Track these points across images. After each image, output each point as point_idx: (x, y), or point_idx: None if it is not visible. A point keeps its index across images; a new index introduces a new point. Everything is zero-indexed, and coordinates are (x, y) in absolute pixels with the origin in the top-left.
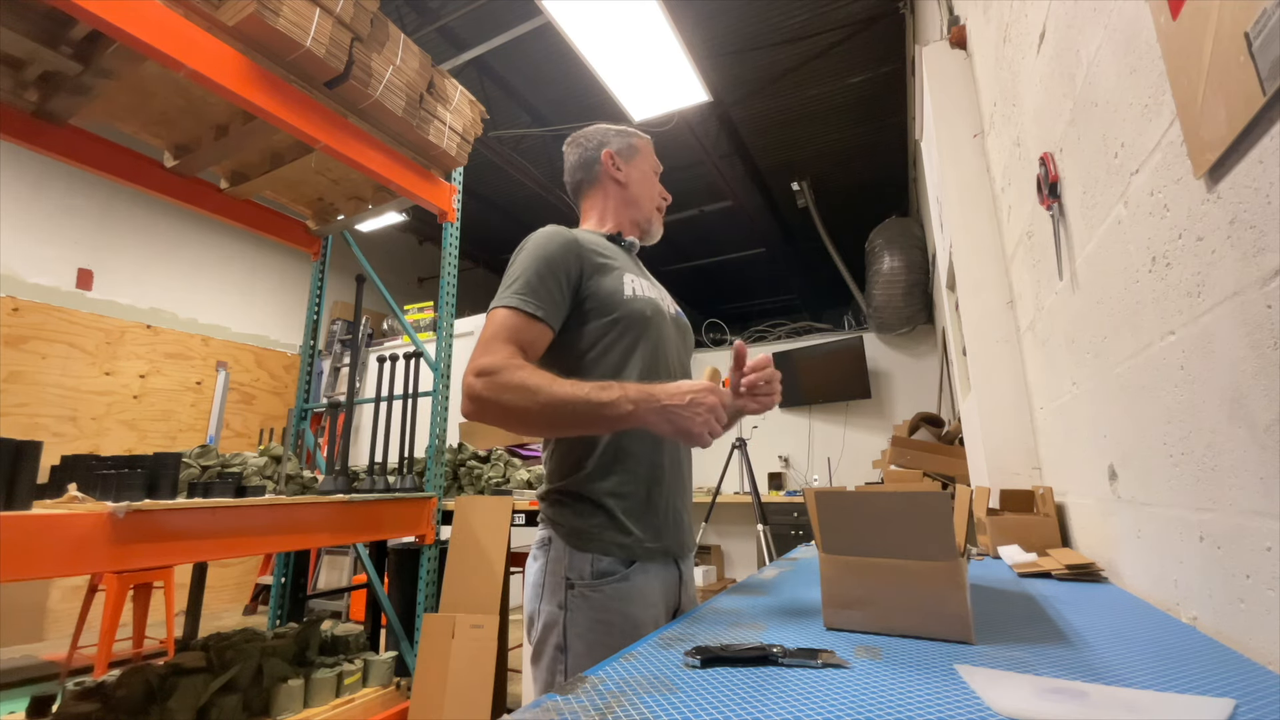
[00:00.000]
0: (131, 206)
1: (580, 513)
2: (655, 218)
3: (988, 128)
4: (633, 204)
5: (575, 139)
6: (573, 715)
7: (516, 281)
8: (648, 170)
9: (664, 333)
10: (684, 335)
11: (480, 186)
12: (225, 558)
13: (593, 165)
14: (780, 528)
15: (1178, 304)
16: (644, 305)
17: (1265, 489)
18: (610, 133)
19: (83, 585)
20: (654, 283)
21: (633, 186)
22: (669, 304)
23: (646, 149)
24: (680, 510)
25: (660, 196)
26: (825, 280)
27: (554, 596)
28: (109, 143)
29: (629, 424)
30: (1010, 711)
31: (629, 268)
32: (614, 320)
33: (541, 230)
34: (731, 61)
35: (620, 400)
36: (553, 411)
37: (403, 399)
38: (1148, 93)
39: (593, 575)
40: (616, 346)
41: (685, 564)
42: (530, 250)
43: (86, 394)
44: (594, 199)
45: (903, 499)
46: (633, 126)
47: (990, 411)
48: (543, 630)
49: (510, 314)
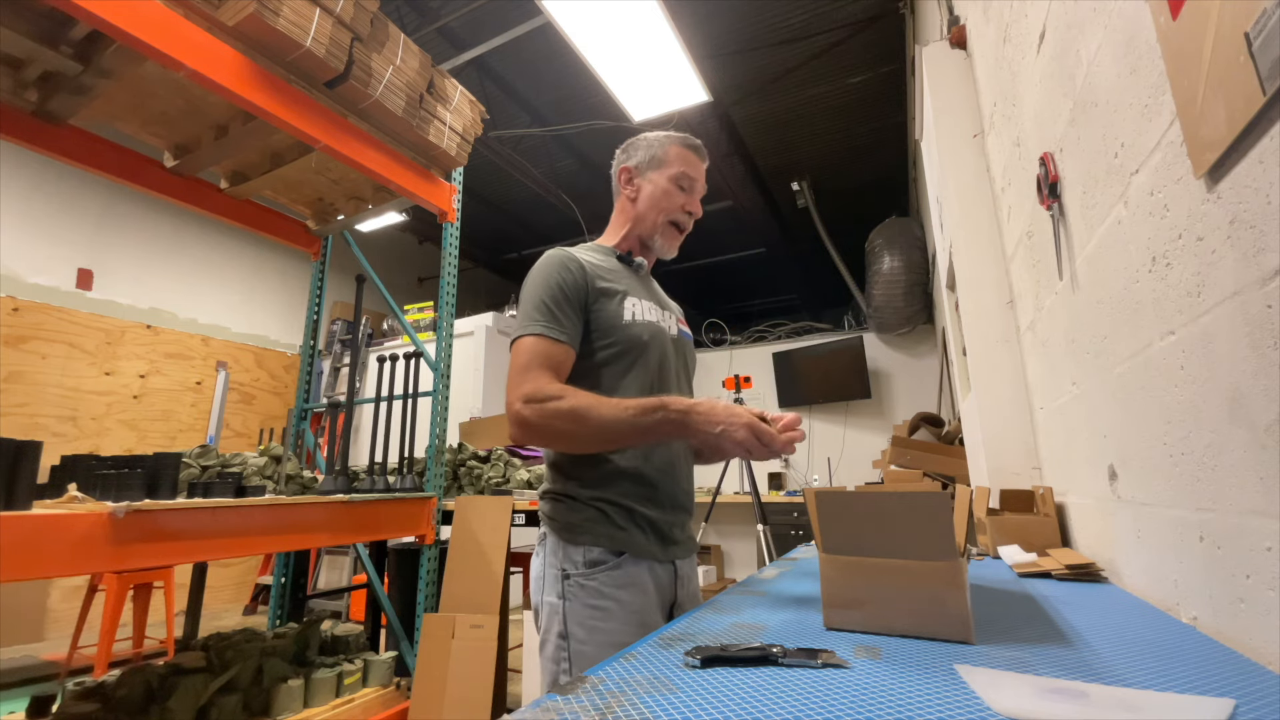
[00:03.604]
0: (131, 206)
1: (573, 509)
2: (664, 233)
3: (988, 128)
4: (639, 221)
5: (623, 145)
6: (573, 715)
7: (535, 310)
8: (665, 183)
9: (662, 355)
10: (684, 356)
11: (480, 186)
12: (225, 558)
13: (614, 178)
14: (780, 528)
15: (1178, 304)
16: (642, 330)
17: (1265, 489)
18: (643, 143)
19: (83, 585)
20: (660, 302)
21: (641, 202)
22: (672, 324)
23: (678, 160)
24: (672, 524)
25: (682, 210)
26: (825, 280)
27: (553, 588)
28: (109, 143)
29: (674, 436)
30: (1010, 711)
31: (634, 289)
32: (611, 344)
33: (548, 256)
34: (731, 61)
35: (662, 420)
36: (601, 433)
37: (403, 399)
38: (1148, 93)
39: (585, 565)
40: (613, 370)
41: (683, 563)
42: (543, 278)
43: (86, 394)
44: (615, 212)
45: (903, 499)
46: (669, 131)
47: (990, 411)
48: (546, 619)
49: (538, 341)
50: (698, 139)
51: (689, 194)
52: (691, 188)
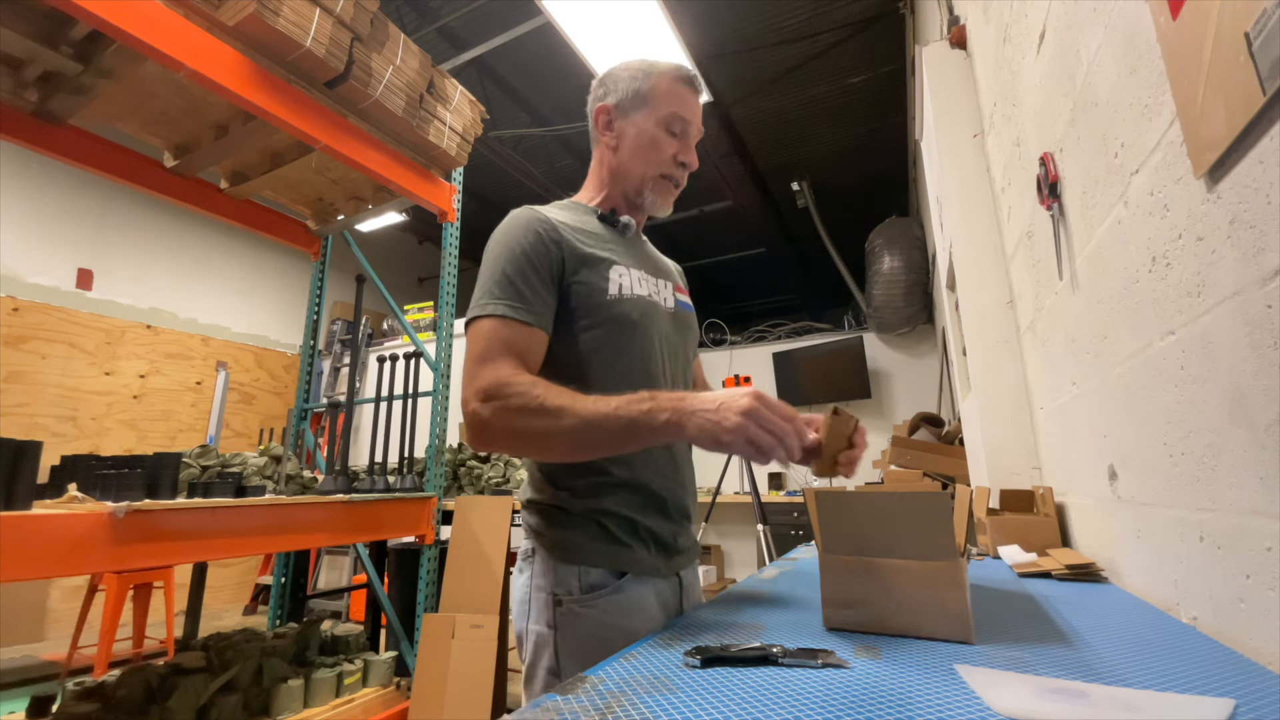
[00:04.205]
0: (131, 206)
1: (565, 524)
2: (654, 187)
3: (988, 128)
4: (621, 174)
5: (598, 78)
6: (573, 715)
7: (495, 285)
8: (652, 128)
9: (656, 336)
10: (684, 332)
11: (480, 186)
12: (225, 558)
13: (590, 119)
14: (780, 528)
15: (1178, 304)
16: (631, 307)
17: (1265, 489)
18: (624, 74)
19: (83, 585)
20: (654, 269)
21: (623, 152)
22: (668, 294)
23: (668, 97)
24: (675, 533)
25: (673, 161)
26: (825, 280)
27: (541, 615)
28: (109, 143)
29: (667, 436)
30: (1010, 711)
31: (619, 256)
32: (591, 325)
33: (512, 216)
34: (732, 61)
35: (654, 411)
36: (581, 434)
37: (403, 399)
38: (1148, 93)
39: (582, 590)
40: (596, 357)
41: (687, 572)
42: (502, 244)
43: (86, 394)
44: (593, 162)
45: (903, 499)
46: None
47: (990, 411)
48: (533, 652)
49: (498, 323)
50: (690, 68)
51: (682, 140)
52: (685, 131)
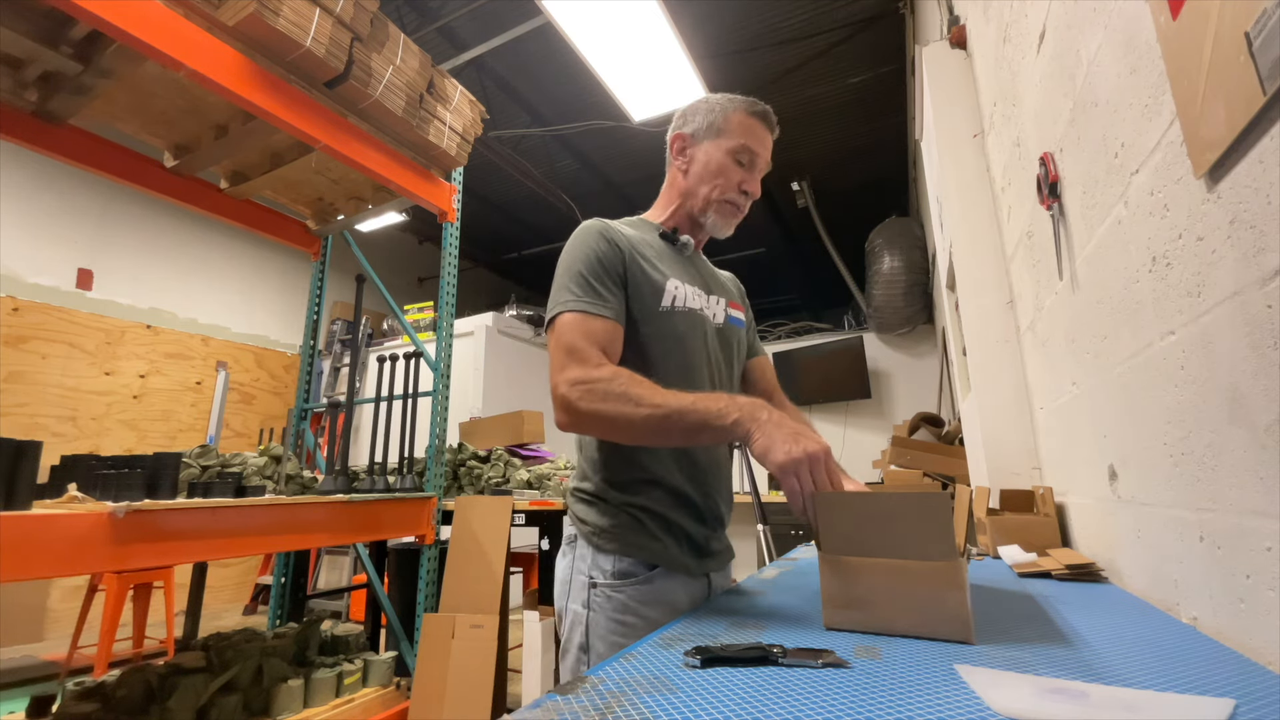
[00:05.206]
0: (131, 206)
1: (605, 513)
2: (717, 209)
3: (988, 128)
4: (689, 196)
5: (682, 109)
6: (573, 715)
7: (574, 284)
8: (722, 156)
9: (699, 347)
10: (727, 346)
11: (480, 186)
12: (225, 558)
13: (668, 145)
14: (780, 528)
15: (1178, 304)
16: (680, 320)
17: (1265, 489)
18: (703, 107)
19: (83, 585)
20: (707, 285)
21: (692, 176)
22: (719, 310)
23: (740, 129)
24: (707, 536)
25: (737, 189)
26: (825, 280)
27: (579, 595)
28: (109, 143)
29: (732, 436)
30: (1010, 711)
31: (675, 272)
32: (645, 333)
33: (584, 226)
34: (731, 61)
35: (727, 410)
36: (658, 421)
37: (403, 399)
38: (1148, 93)
39: (614, 575)
40: (643, 362)
41: (718, 575)
42: (580, 249)
43: (86, 394)
44: (665, 184)
45: (903, 499)
46: (740, 97)
47: (990, 411)
48: (570, 628)
49: (580, 318)
50: (765, 105)
51: (748, 170)
52: (752, 164)
